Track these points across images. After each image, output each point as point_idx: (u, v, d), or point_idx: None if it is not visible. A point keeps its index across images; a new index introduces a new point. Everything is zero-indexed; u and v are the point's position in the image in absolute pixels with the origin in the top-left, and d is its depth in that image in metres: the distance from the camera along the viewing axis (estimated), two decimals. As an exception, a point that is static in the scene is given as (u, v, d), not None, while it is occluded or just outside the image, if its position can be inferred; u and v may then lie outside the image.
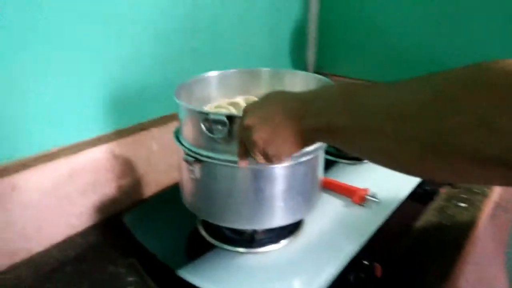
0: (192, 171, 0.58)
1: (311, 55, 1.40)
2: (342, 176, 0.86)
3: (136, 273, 0.68)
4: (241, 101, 0.73)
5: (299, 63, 1.39)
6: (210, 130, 0.54)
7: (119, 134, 0.85)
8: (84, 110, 0.78)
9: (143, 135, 0.88)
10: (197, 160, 0.57)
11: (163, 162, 0.93)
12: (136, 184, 0.89)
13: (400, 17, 1.14)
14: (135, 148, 0.87)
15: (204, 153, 0.56)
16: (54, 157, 0.74)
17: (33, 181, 0.70)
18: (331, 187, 0.81)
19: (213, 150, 0.56)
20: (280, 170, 0.57)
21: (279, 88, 0.73)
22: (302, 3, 1.29)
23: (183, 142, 0.60)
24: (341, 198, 0.79)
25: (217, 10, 0.99)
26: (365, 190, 0.78)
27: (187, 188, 0.63)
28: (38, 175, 0.71)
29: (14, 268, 0.69)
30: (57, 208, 0.75)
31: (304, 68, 1.42)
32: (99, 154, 0.80)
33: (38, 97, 0.70)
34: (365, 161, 0.91)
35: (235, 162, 0.54)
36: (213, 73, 0.75)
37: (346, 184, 0.80)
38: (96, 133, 0.82)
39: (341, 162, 0.94)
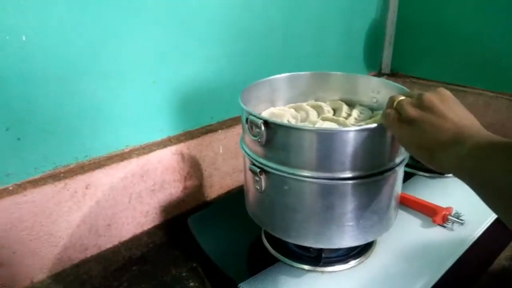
0: (257, 182, 0.55)
1: (386, 56, 1.31)
2: (421, 191, 0.78)
3: (197, 278, 0.67)
4: (306, 105, 0.69)
5: (373, 63, 1.31)
6: (251, 131, 0.52)
7: (188, 135, 0.85)
8: (156, 111, 0.79)
9: (210, 137, 0.87)
10: (263, 171, 0.54)
11: (228, 165, 0.92)
12: (201, 185, 0.89)
13: (480, 20, 1.07)
14: (202, 149, 0.86)
15: (271, 164, 0.53)
16: (127, 157, 0.75)
17: (105, 179, 0.72)
18: (408, 204, 0.74)
19: (279, 162, 0.52)
20: (353, 186, 0.52)
21: (350, 93, 0.71)
22: (381, 4, 1.22)
23: (247, 150, 0.58)
24: (420, 217, 0.72)
25: (291, 10, 0.96)
26: (448, 209, 0.70)
27: (252, 197, 0.61)
28: (111, 173, 0.73)
29: (85, 262, 0.72)
30: (126, 207, 0.77)
31: (379, 69, 1.33)
32: (169, 154, 0.81)
33: (113, 97, 0.71)
34: (448, 175, 0.82)
35: (303, 176, 0.51)
36: (281, 76, 0.71)
37: (426, 201, 0.72)
38: (167, 133, 0.83)
39: (420, 175, 0.86)
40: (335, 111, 0.71)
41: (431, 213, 0.71)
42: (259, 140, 0.52)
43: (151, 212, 0.82)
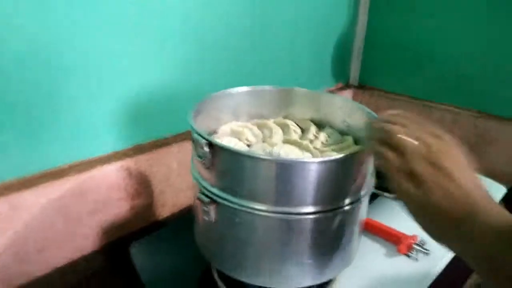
0: (206, 213, 0.48)
1: (354, 69, 1.28)
2: (385, 215, 0.74)
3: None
4: (271, 123, 0.63)
5: (341, 75, 1.27)
6: (196, 151, 0.47)
7: (137, 150, 0.77)
8: (101, 123, 0.70)
9: (163, 151, 0.79)
10: (212, 200, 0.47)
11: (183, 181, 0.85)
12: (151, 204, 0.81)
13: (449, 37, 1.05)
14: (153, 164, 0.78)
15: (220, 193, 0.46)
16: (63, 174, 0.66)
17: (36, 200, 0.63)
18: (372, 230, 0.69)
19: (229, 190, 0.46)
20: (313, 221, 0.46)
21: (320, 112, 0.65)
22: (350, 17, 1.18)
23: (196, 174, 0.51)
24: (383, 244, 0.67)
25: (260, 17, 0.90)
26: (413, 237, 0.66)
27: (200, 227, 0.54)
28: (43, 194, 0.64)
29: (11, 293, 0.63)
30: (62, 229, 0.68)
31: (347, 81, 1.30)
32: (113, 171, 0.73)
33: (49, 108, 0.62)
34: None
35: (256, 209, 0.44)
36: (243, 89, 0.65)
37: (390, 228, 0.68)
38: (113, 148, 0.74)
39: (384, 196, 0.81)
40: (303, 131, 0.65)
41: (395, 241, 0.66)
42: (204, 162, 0.45)
43: (91, 235, 0.73)
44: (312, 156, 0.55)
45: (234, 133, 0.59)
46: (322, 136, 0.61)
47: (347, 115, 0.62)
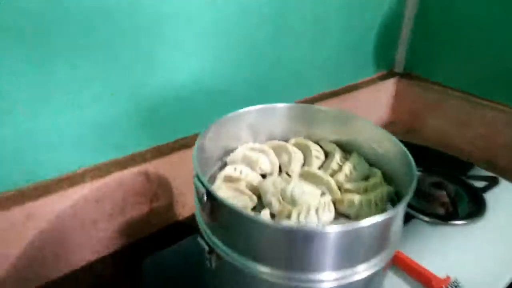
0: (208, 260, 0.44)
1: (400, 54, 1.16)
2: (418, 242, 0.67)
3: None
4: (290, 146, 0.57)
5: (385, 61, 1.16)
6: (197, 194, 0.42)
7: (156, 152, 0.74)
8: (115, 124, 0.67)
9: (183, 153, 0.76)
10: (213, 250, 0.43)
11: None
12: (171, 205, 0.79)
13: None
14: (173, 168, 0.75)
15: (223, 247, 0.42)
16: (78, 181, 0.65)
17: (52, 207, 0.63)
18: (401, 265, 0.62)
19: (233, 247, 0.42)
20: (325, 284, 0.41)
21: (347, 134, 0.58)
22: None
23: (197, 214, 0.47)
24: (410, 283, 0.61)
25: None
26: (446, 280, 0.59)
27: (205, 267, 0.51)
28: (58, 201, 0.63)
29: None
30: (78, 234, 0.68)
31: (390, 68, 1.18)
32: (130, 176, 0.70)
33: (59, 107, 0.60)
34: (452, 222, 0.70)
35: (262, 272, 0.40)
36: (257, 107, 0.58)
37: (420, 266, 0.61)
38: (129, 150, 0.72)
39: (420, 220, 0.74)
40: (327, 155, 0.58)
41: (424, 281, 0.60)
42: (203, 208, 0.41)
43: (107, 238, 0.72)
44: (330, 197, 0.49)
45: (247, 160, 0.54)
46: (347, 167, 0.55)
47: (375, 142, 0.55)
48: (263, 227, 0.38)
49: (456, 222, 0.71)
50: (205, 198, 0.40)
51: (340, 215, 0.50)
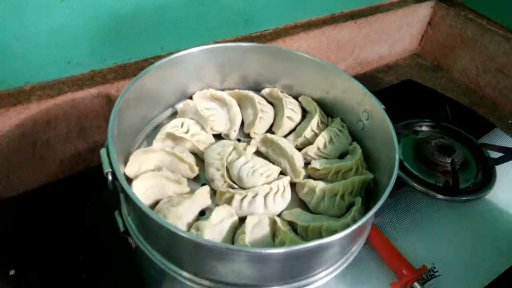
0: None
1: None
2: (404, 215, 0.59)
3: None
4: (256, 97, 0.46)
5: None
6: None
7: (121, 71, 0.64)
8: (72, 36, 0.56)
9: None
10: (128, 233, 0.36)
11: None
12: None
13: None
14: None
15: (139, 236, 0.35)
16: (23, 100, 0.57)
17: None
18: (373, 242, 0.54)
19: (149, 242, 0.34)
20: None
21: (334, 95, 0.46)
22: None
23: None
24: (381, 270, 0.53)
25: None
26: (419, 270, 0.51)
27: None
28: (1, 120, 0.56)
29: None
30: (31, 155, 0.62)
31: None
32: (88, 97, 0.61)
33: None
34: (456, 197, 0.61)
35: (183, 277, 0.33)
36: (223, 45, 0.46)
37: (395, 250, 0.53)
38: (87, 67, 0.61)
39: (411, 187, 0.64)
40: (304, 115, 0.47)
41: (396, 271, 0.53)
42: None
43: (66, 161, 0.67)
44: (289, 178, 0.40)
45: (198, 115, 0.43)
46: (323, 137, 0.44)
47: (364, 113, 0.43)
48: (173, 235, 0.29)
49: (454, 197, 0.62)
50: (109, 178, 0.31)
51: (300, 201, 0.41)
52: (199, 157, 0.42)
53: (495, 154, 0.68)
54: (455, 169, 0.62)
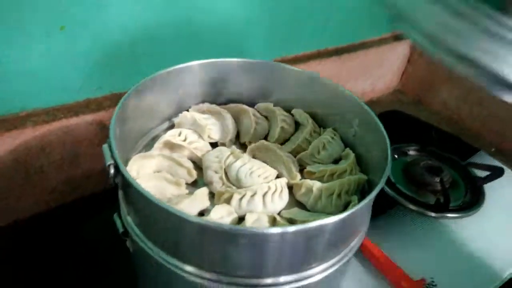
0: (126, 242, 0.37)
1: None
2: (398, 232, 0.60)
3: None
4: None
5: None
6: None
7: (116, 99, 0.65)
8: (69, 63, 0.58)
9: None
10: (127, 234, 0.36)
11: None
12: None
13: None
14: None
15: (138, 232, 0.34)
16: (19, 124, 0.57)
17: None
18: (368, 255, 0.55)
19: (149, 236, 0.34)
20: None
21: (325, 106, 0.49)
22: None
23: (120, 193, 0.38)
24: (378, 281, 0.53)
25: None
26: (419, 282, 0.51)
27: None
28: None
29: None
30: (22, 181, 0.61)
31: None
32: (82, 124, 0.62)
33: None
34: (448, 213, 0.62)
35: (182, 270, 0.32)
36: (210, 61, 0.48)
37: (391, 262, 0.54)
38: (83, 95, 0.63)
39: (402, 206, 0.65)
40: (298, 126, 0.49)
41: (394, 282, 0.52)
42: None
43: (58, 189, 0.66)
44: (286, 180, 0.41)
45: (195, 125, 0.45)
46: (315, 144, 0.45)
47: (356, 119, 0.45)
48: (175, 219, 0.29)
49: (446, 214, 0.62)
50: (111, 171, 0.31)
51: (297, 203, 0.42)
52: (197, 165, 0.43)
53: (481, 173, 0.70)
54: (445, 186, 0.63)
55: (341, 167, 0.42)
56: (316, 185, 0.40)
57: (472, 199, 0.66)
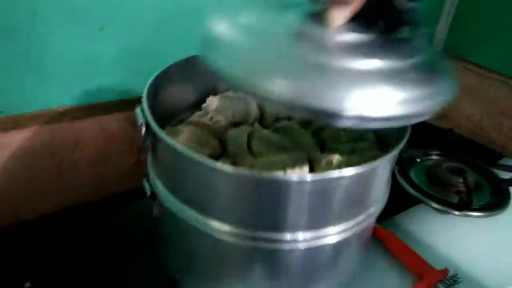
0: (153, 208, 0.39)
1: (441, 29, 1.03)
2: (420, 229, 0.59)
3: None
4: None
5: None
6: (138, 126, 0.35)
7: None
8: (106, 65, 0.62)
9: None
10: (155, 197, 0.38)
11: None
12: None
13: None
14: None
15: (167, 195, 0.36)
16: (56, 119, 0.61)
17: (23, 142, 0.59)
18: (390, 246, 0.54)
19: (179, 197, 0.36)
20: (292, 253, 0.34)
21: None
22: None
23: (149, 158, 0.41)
24: (400, 270, 0.52)
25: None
26: (442, 272, 0.50)
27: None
28: (32, 137, 0.60)
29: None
30: (55, 176, 0.65)
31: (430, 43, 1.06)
32: (114, 122, 0.66)
33: (45, 42, 0.56)
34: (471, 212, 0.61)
35: (214, 229, 0.34)
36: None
37: (414, 252, 0.53)
38: (118, 95, 0.67)
39: (426, 205, 0.64)
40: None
41: (416, 271, 0.52)
42: (143, 145, 0.35)
43: (89, 185, 0.69)
44: (306, 155, 0.42)
45: (221, 107, 0.47)
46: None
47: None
48: (207, 170, 0.31)
49: (469, 213, 0.61)
50: (143, 130, 0.34)
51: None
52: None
53: (507, 175, 0.69)
54: (468, 185, 0.63)
55: (361, 145, 0.44)
56: (336, 157, 0.41)
57: (497, 200, 0.65)
